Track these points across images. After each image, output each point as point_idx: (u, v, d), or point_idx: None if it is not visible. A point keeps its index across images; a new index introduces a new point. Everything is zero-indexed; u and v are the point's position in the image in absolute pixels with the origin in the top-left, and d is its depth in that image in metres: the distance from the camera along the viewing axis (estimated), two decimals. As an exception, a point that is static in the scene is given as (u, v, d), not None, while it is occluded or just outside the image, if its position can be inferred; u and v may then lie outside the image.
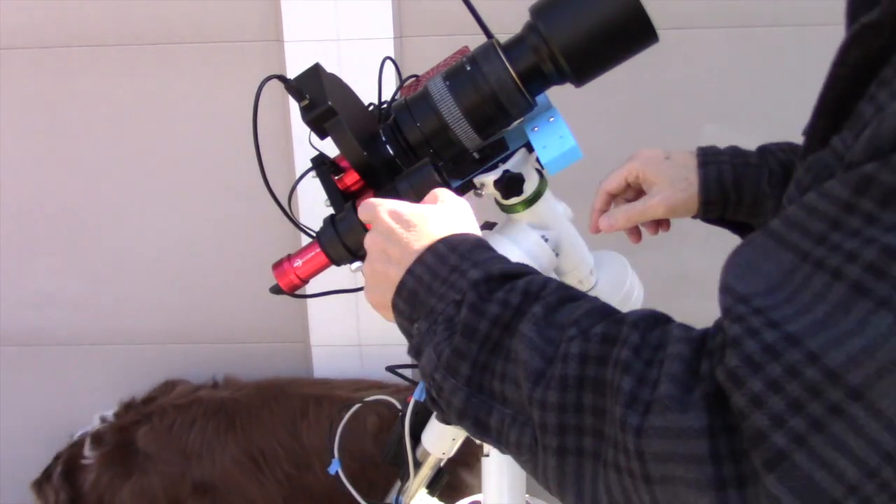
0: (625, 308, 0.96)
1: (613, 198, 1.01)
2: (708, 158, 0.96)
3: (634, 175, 0.99)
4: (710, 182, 0.94)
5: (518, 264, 0.64)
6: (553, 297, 0.58)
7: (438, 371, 0.60)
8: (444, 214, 0.70)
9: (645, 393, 0.49)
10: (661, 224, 1.02)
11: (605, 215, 0.96)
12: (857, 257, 0.42)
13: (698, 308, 1.62)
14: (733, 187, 0.94)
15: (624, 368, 0.50)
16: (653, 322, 0.54)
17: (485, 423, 0.58)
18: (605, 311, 0.57)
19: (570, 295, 0.59)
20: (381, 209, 0.71)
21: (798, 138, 0.75)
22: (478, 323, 0.58)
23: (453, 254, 0.63)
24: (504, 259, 0.65)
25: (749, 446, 0.44)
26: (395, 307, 0.66)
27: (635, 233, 1.03)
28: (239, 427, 1.62)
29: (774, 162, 0.96)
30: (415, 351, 0.65)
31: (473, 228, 0.70)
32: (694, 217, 0.98)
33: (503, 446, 0.58)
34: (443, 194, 0.73)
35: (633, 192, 1.00)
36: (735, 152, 0.97)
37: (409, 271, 0.65)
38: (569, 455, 0.53)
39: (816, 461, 0.42)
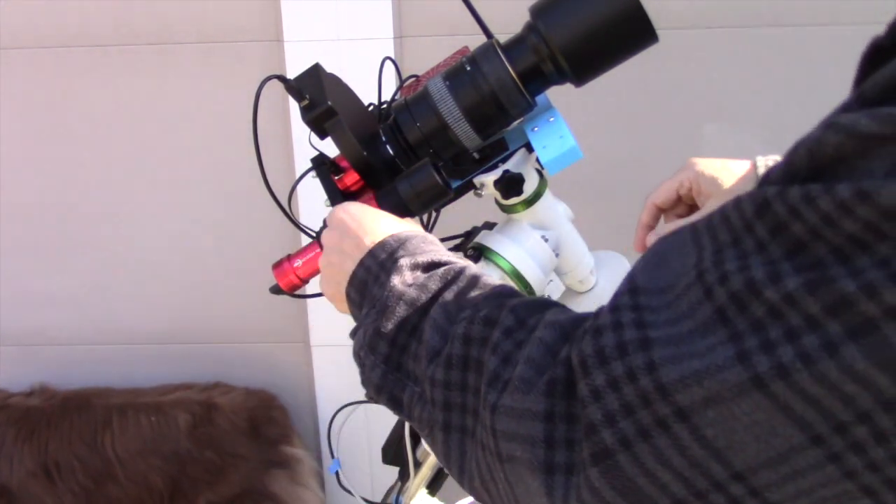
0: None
1: (662, 212, 0.94)
2: (760, 166, 0.88)
3: (687, 187, 0.91)
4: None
5: (448, 253, 0.67)
6: (464, 281, 0.61)
7: (363, 348, 0.63)
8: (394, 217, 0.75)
9: (507, 372, 0.51)
10: None
11: (653, 233, 0.91)
12: (727, 282, 0.41)
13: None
14: None
15: (493, 348, 0.53)
16: (535, 307, 0.55)
17: (398, 399, 0.61)
18: (508, 293, 0.59)
19: (482, 282, 0.61)
20: (337, 208, 0.77)
21: (794, 138, 0.75)
22: (397, 305, 0.62)
23: (400, 248, 0.67)
24: (441, 251, 0.68)
25: (582, 436, 0.45)
26: (348, 296, 0.70)
27: None
28: (36, 437, 1.63)
29: None
30: (352, 333, 0.68)
31: (419, 229, 0.74)
32: None
33: (413, 422, 0.61)
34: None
35: (685, 207, 0.93)
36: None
37: (361, 263, 0.69)
38: (453, 432, 0.55)
39: (639, 468, 0.43)
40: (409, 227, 0.75)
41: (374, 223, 0.73)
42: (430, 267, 0.65)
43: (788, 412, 0.39)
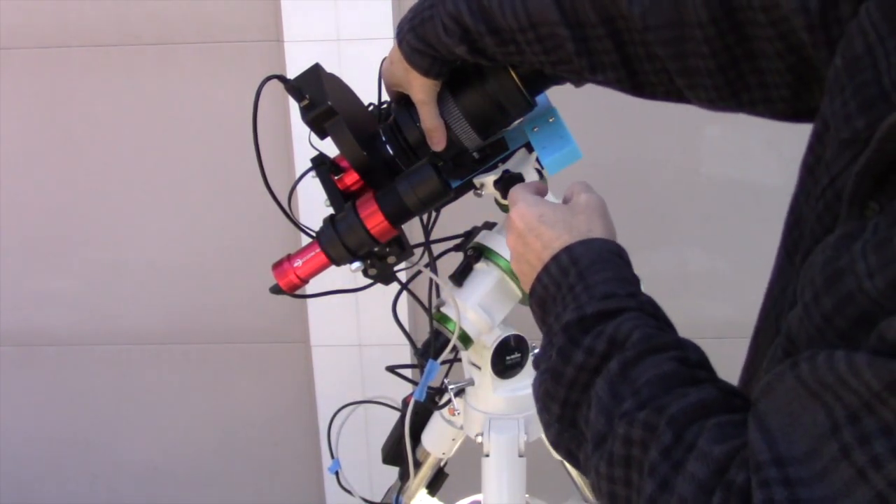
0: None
1: None
2: None
3: None
4: None
5: (625, 293, 0.63)
6: (632, 351, 0.58)
7: (538, 402, 0.64)
8: (575, 212, 0.72)
9: (663, 500, 0.50)
10: None
11: None
12: (882, 468, 0.42)
13: (698, 308, 1.63)
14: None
15: (650, 470, 0.51)
16: (695, 413, 0.53)
17: (575, 455, 0.61)
18: (672, 378, 0.56)
19: (652, 346, 0.58)
20: (513, 210, 0.73)
21: (796, 138, 0.75)
22: (564, 369, 0.61)
23: (574, 268, 0.65)
24: (616, 281, 0.64)
25: None
26: (531, 308, 0.70)
27: None
28: None
29: None
30: (535, 365, 0.68)
31: (604, 224, 0.72)
32: None
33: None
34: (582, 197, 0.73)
35: None
36: None
37: (539, 279, 0.68)
38: None
39: None
40: (585, 221, 0.71)
41: (549, 227, 0.70)
42: (599, 319, 0.61)
43: None
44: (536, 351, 0.69)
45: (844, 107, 0.52)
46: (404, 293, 1.00)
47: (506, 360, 0.98)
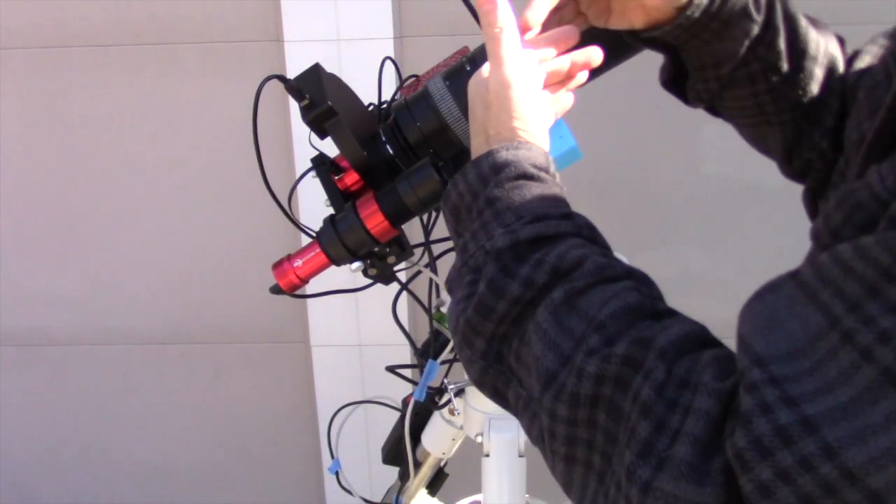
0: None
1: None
2: None
3: None
4: None
5: (558, 214, 0.56)
6: (581, 281, 0.52)
7: (457, 334, 0.57)
8: (500, 105, 0.61)
9: (661, 443, 0.44)
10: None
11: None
12: (892, 339, 0.38)
13: (698, 308, 1.63)
14: None
15: (642, 410, 0.45)
16: (683, 346, 0.48)
17: (503, 394, 0.56)
18: (636, 311, 0.51)
19: (603, 276, 0.52)
20: (469, 84, 0.65)
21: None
22: (495, 303, 0.54)
23: (493, 178, 0.58)
24: (550, 199, 0.57)
25: None
26: (444, 212, 0.63)
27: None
28: None
29: None
30: (447, 285, 0.61)
31: (532, 128, 0.61)
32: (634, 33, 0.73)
33: (520, 421, 0.56)
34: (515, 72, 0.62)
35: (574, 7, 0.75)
36: None
37: (454, 182, 0.61)
38: (577, 465, 0.50)
39: None
40: (522, 114, 0.61)
41: (485, 110, 0.61)
42: (536, 243, 0.55)
43: None
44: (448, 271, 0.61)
45: (857, 117, 0.53)
46: (404, 293, 1.00)
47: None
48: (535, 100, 0.62)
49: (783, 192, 0.86)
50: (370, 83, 0.93)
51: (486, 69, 0.63)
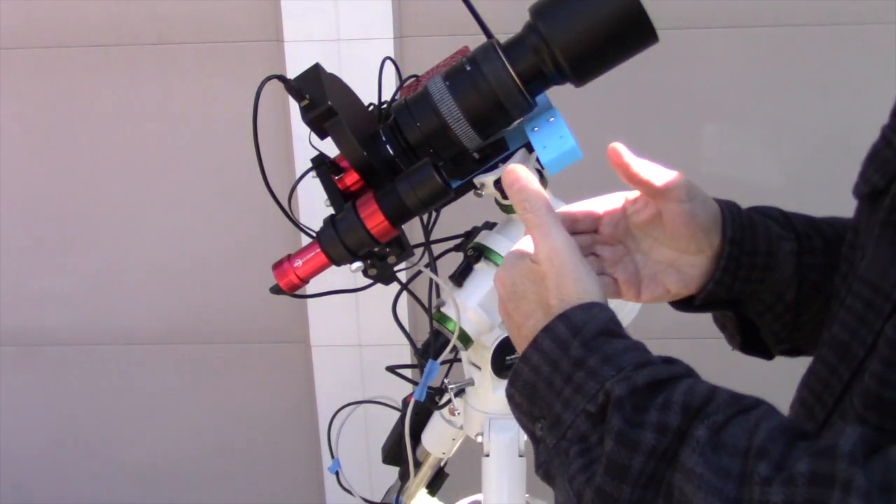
0: (624, 309, 0.96)
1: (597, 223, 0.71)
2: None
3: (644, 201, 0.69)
4: (733, 216, 0.67)
5: (661, 359, 0.52)
6: (720, 414, 0.47)
7: None
8: (557, 272, 0.57)
9: None
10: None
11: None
12: None
13: (698, 308, 1.61)
14: (748, 228, 0.67)
15: None
16: (865, 447, 0.43)
17: None
18: (789, 430, 0.46)
19: (740, 406, 0.48)
20: (495, 279, 0.61)
21: (796, 138, 0.75)
22: (630, 459, 0.47)
23: (575, 339, 0.53)
24: (642, 349, 0.53)
25: None
26: (510, 399, 0.56)
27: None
28: None
29: (759, 208, 0.73)
30: (543, 472, 0.54)
31: (593, 288, 0.56)
32: (682, 303, 0.71)
33: None
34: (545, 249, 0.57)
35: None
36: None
37: (525, 358, 0.55)
38: None
39: None
40: (572, 283, 0.56)
41: (533, 291, 0.57)
42: (654, 388, 0.50)
43: None
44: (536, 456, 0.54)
45: (863, 174, 0.55)
46: (404, 293, 1.00)
47: (506, 359, 0.98)
48: (583, 260, 0.58)
49: (783, 192, 0.86)
50: (370, 83, 0.93)
51: (524, 246, 0.60)
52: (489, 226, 0.98)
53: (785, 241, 0.68)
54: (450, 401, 1.02)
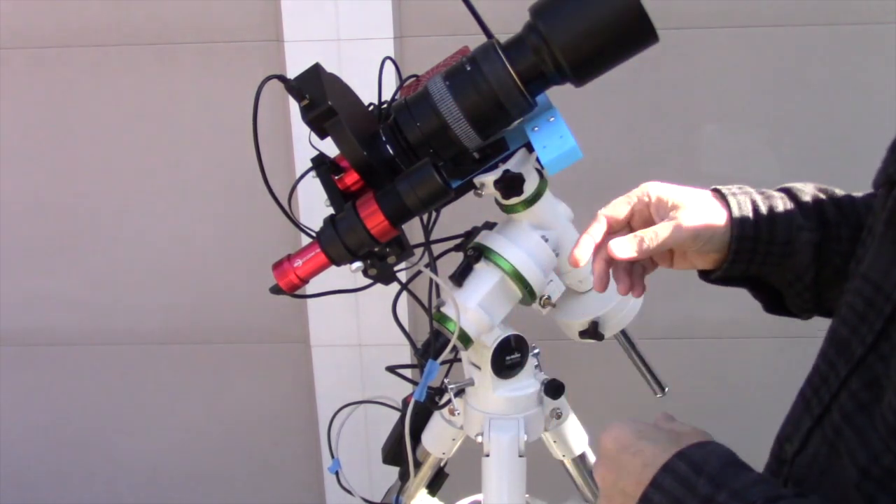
0: (624, 309, 0.96)
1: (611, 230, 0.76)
2: (726, 191, 0.75)
3: (645, 203, 0.75)
4: (743, 213, 0.72)
5: (792, 493, 0.54)
6: None
7: None
8: (679, 431, 0.60)
9: None
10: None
11: (616, 240, 0.72)
12: None
13: (697, 308, 1.63)
14: (767, 223, 0.72)
15: None
16: None
17: None
18: None
19: None
20: (605, 434, 0.63)
21: (794, 138, 0.75)
22: None
23: (700, 477, 0.54)
24: (766, 482, 0.54)
25: None
26: None
27: (639, 282, 0.78)
28: None
29: (796, 193, 0.76)
30: None
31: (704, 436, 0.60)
32: (706, 274, 0.77)
33: None
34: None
35: (629, 228, 0.78)
36: (750, 189, 0.77)
37: (646, 498, 0.56)
38: None
39: None
40: (684, 433, 0.60)
41: (650, 439, 0.59)
42: None
43: None
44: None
45: (882, 165, 0.55)
46: (404, 293, 1.00)
47: (506, 359, 0.98)
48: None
49: (783, 192, 0.86)
50: (370, 83, 0.93)
51: None
52: (489, 226, 0.98)
53: (805, 231, 0.73)
54: (450, 401, 1.02)
